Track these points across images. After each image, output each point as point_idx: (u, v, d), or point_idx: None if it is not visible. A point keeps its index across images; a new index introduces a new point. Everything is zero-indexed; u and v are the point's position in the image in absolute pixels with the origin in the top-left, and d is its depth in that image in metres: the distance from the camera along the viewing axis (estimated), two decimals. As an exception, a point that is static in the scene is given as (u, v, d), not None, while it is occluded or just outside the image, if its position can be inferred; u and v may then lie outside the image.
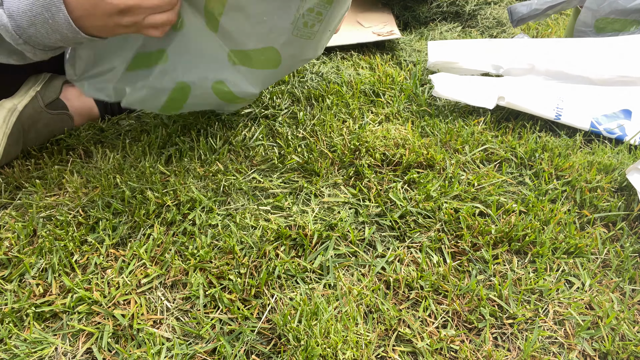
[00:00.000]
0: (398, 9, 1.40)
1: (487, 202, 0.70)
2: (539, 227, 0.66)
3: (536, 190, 0.73)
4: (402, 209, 0.68)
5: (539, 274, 0.60)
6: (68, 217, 0.65)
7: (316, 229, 0.64)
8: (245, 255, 0.61)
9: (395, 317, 0.54)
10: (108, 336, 0.51)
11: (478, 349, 0.53)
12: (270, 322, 0.54)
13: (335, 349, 0.49)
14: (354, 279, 0.59)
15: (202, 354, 0.50)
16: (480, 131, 0.85)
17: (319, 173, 0.74)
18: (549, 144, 0.82)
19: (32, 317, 0.53)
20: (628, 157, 0.80)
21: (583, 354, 0.53)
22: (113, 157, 0.76)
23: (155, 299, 0.56)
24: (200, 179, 0.72)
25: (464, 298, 0.57)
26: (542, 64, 0.99)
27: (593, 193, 0.72)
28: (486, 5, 1.40)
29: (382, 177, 0.74)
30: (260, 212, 0.67)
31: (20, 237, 0.62)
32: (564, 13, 1.56)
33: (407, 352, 0.52)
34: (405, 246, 0.64)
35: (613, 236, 0.67)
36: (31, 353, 0.50)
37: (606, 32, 1.10)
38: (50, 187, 0.71)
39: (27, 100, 0.77)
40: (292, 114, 0.88)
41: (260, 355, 0.51)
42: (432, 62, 1.05)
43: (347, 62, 1.11)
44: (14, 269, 0.58)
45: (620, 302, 0.58)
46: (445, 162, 0.77)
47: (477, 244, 0.64)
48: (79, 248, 0.61)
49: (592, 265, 0.63)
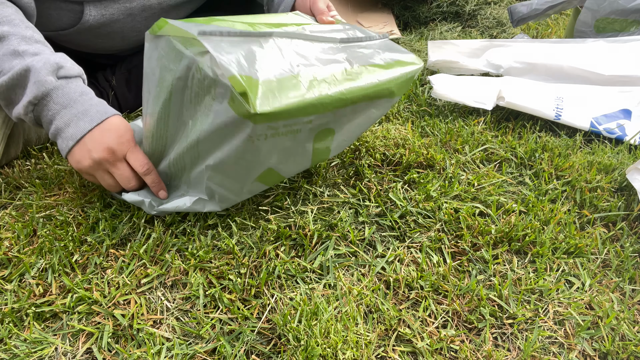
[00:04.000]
0: (398, 9, 1.40)
1: (487, 202, 0.70)
2: (539, 227, 0.66)
3: (536, 190, 0.73)
4: (402, 209, 0.68)
5: (539, 274, 0.60)
6: (68, 217, 0.65)
7: (316, 229, 0.64)
8: (245, 255, 0.61)
9: (395, 317, 0.54)
10: (108, 336, 0.51)
11: (478, 349, 0.53)
12: (270, 322, 0.54)
13: (335, 349, 0.49)
14: (354, 279, 0.59)
15: (202, 354, 0.50)
16: (480, 131, 0.85)
17: (318, 173, 0.74)
18: (549, 144, 0.82)
19: (32, 317, 0.53)
20: (628, 157, 0.80)
21: (583, 354, 0.53)
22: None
23: (155, 299, 0.56)
24: (200, 179, 0.72)
25: (464, 298, 0.57)
26: (542, 64, 0.99)
27: (593, 193, 0.72)
28: (486, 5, 1.40)
29: (382, 177, 0.74)
30: (260, 212, 0.67)
31: (20, 237, 0.62)
32: (564, 13, 1.56)
33: (407, 352, 0.52)
34: (405, 246, 0.64)
35: (613, 236, 0.67)
36: (31, 353, 0.50)
37: (606, 32, 1.10)
38: (50, 187, 0.71)
39: (27, 100, 0.77)
40: (292, 114, 0.88)
41: (260, 355, 0.51)
42: (432, 62, 1.05)
43: (347, 62, 1.11)
44: (14, 269, 0.58)
45: (620, 302, 0.58)
46: (445, 162, 0.77)
47: (477, 244, 0.64)
48: (79, 248, 0.61)
49: (592, 265, 0.63)
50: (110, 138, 0.60)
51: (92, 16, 0.75)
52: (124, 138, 0.61)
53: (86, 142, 0.59)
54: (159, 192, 0.64)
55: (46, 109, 0.59)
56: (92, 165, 0.60)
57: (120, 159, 0.61)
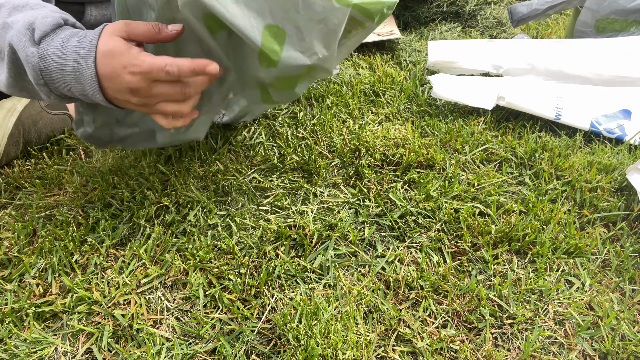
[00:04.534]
0: (398, 9, 1.40)
1: (487, 202, 0.70)
2: (539, 227, 0.66)
3: (536, 190, 0.73)
4: (402, 209, 0.68)
5: (539, 274, 0.60)
6: (68, 217, 0.65)
7: (316, 229, 0.64)
8: (245, 255, 0.61)
9: (395, 317, 0.54)
10: (108, 336, 0.51)
11: (478, 349, 0.53)
12: (270, 322, 0.54)
13: (335, 349, 0.49)
14: (354, 279, 0.59)
15: (202, 354, 0.50)
16: (480, 131, 0.85)
17: (318, 173, 0.74)
18: (549, 144, 0.82)
19: (32, 317, 0.53)
20: (628, 157, 0.80)
21: (583, 354, 0.53)
22: (113, 157, 0.76)
23: (155, 299, 0.56)
24: (200, 179, 0.72)
25: (464, 298, 0.57)
26: (542, 64, 0.99)
27: (593, 193, 0.72)
28: (486, 5, 1.40)
29: (382, 177, 0.74)
30: (260, 212, 0.67)
31: (20, 237, 0.62)
32: (564, 13, 1.56)
33: (407, 352, 0.52)
34: (405, 246, 0.64)
35: (613, 236, 0.67)
36: (31, 353, 0.50)
37: (606, 32, 1.10)
38: (50, 187, 0.71)
39: (26, 100, 0.77)
40: (292, 114, 0.88)
41: (260, 355, 0.51)
42: (432, 62, 1.05)
43: (347, 62, 1.11)
44: (14, 269, 0.58)
45: (620, 302, 0.58)
46: (445, 162, 0.77)
47: (477, 244, 0.64)
48: (79, 248, 0.61)
49: (592, 265, 0.63)
50: (117, 69, 0.52)
51: (92, 16, 0.75)
52: (125, 58, 0.52)
53: (107, 86, 0.53)
54: (207, 67, 0.54)
55: (54, 82, 0.54)
56: (137, 90, 0.53)
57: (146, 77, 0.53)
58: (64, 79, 0.53)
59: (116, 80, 0.53)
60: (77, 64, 0.53)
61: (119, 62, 0.52)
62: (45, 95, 0.55)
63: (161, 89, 0.53)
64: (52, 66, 0.53)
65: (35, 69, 0.53)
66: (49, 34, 0.53)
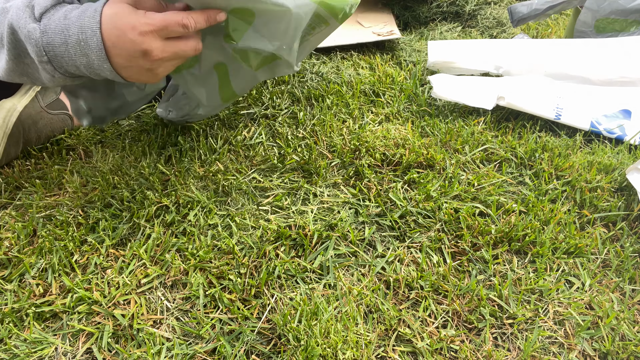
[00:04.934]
0: (398, 9, 1.40)
1: (487, 202, 0.70)
2: (539, 227, 0.66)
3: (536, 190, 0.73)
4: (402, 209, 0.68)
5: (539, 274, 0.60)
6: (68, 217, 0.65)
7: (316, 229, 0.64)
8: (245, 255, 0.61)
9: (395, 317, 0.54)
10: (108, 336, 0.51)
11: (478, 349, 0.53)
12: (270, 322, 0.54)
13: (335, 349, 0.49)
14: (354, 279, 0.59)
15: (202, 354, 0.50)
16: (480, 131, 0.85)
17: (318, 173, 0.74)
18: (549, 144, 0.82)
19: (32, 317, 0.53)
20: (628, 157, 0.80)
21: (583, 354, 0.53)
22: (113, 157, 0.76)
23: (155, 299, 0.56)
24: (200, 179, 0.72)
25: (464, 298, 0.57)
26: (542, 64, 0.99)
27: (593, 193, 0.72)
28: (486, 5, 1.40)
29: (382, 177, 0.74)
30: (260, 212, 0.67)
31: (20, 237, 0.62)
32: (564, 13, 1.56)
33: (407, 352, 0.52)
34: (405, 246, 0.64)
35: (613, 236, 0.67)
36: (31, 353, 0.50)
37: (606, 32, 1.10)
38: (50, 187, 0.71)
39: (26, 100, 0.77)
40: (292, 114, 0.88)
41: (260, 355, 0.51)
42: (432, 62, 1.05)
43: (347, 62, 1.11)
44: (14, 269, 0.58)
45: (620, 302, 0.58)
46: (445, 162, 0.77)
47: (477, 244, 0.64)
48: (79, 248, 0.61)
49: (592, 265, 0.63)
50: (126, 31, 0.51)
51: None
52: (133, 18, 0.51)
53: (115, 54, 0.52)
54: (218, 15, 0.55)
55: (58, 58, 0.52)
56: (150, 51, 0.52)
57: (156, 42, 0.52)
58: (68, 52, 0.51)
59: (125, 45, 0.51)
60: (81, 33, 0.50)
61: (127, 22, 0.50)
62: (49, 74, 0.53)
63: (175, 47, 0.53)
64: (55, 40, 0.51)
65: (37, 45, 0.51)
66: (49, 10, 0.52)
